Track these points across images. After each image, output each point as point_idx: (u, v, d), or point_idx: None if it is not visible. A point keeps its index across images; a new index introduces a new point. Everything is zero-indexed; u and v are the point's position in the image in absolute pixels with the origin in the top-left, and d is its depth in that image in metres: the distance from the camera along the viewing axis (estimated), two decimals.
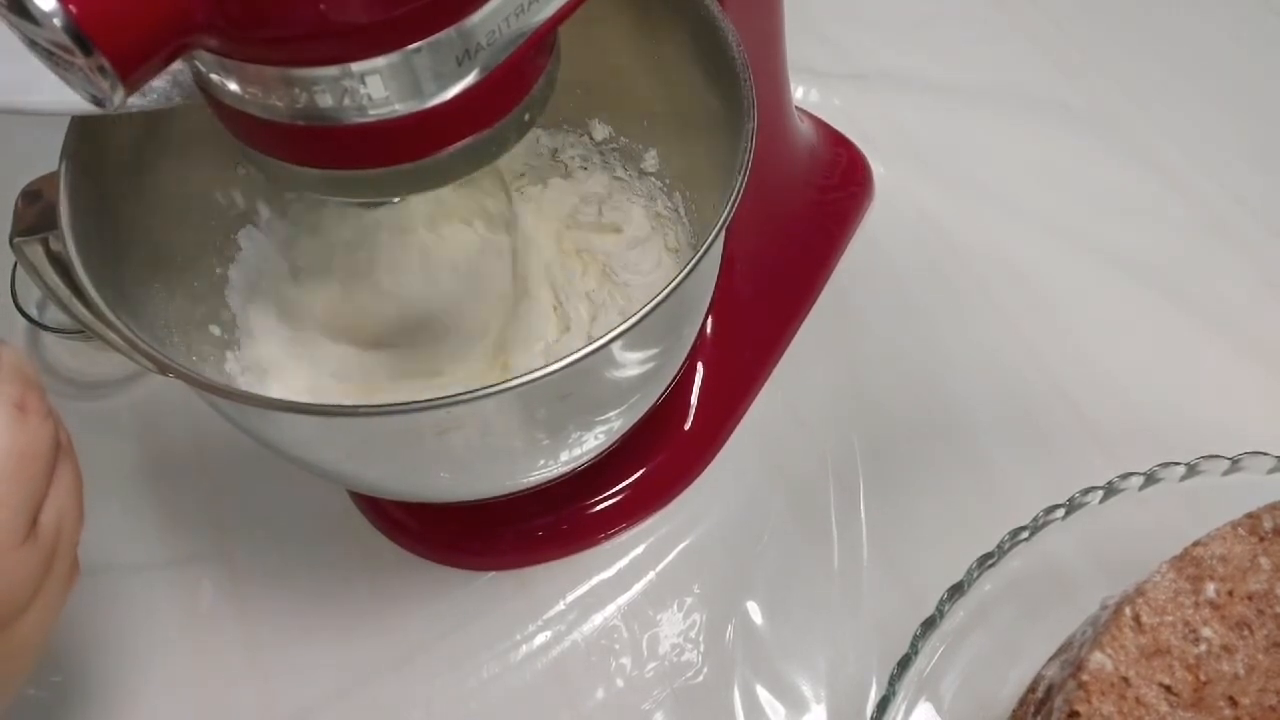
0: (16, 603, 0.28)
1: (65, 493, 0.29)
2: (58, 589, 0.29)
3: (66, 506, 0.29)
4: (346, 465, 0.38)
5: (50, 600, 0.29)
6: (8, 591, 0.27)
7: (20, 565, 0.27)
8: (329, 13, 0.22)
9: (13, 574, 0.27)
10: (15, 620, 0.28)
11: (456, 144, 0.27)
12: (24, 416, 0.27)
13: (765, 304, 0.52)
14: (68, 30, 0.20)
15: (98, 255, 0.33)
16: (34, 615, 0.28)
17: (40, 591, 0.28)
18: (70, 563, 0.30)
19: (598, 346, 0.29)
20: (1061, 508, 0.41)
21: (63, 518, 0.29)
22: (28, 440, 0.27)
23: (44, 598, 0.29)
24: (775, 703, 0.43)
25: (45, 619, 0.29)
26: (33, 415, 0.27)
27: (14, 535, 0.27)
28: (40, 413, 0.28)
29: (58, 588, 0.29)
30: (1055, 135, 0.58)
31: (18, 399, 0.27)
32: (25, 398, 0.27)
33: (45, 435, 0.28)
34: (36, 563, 0.28)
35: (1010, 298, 0.53)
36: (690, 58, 0.37)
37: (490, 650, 0.45)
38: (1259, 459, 0.40)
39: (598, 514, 0.47)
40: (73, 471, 0.30)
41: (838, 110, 0.59)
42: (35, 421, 0.27)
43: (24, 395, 0.27)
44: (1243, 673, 0.33)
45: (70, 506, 0.29)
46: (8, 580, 0.27)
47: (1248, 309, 0.52)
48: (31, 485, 0.27)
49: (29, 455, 0.27)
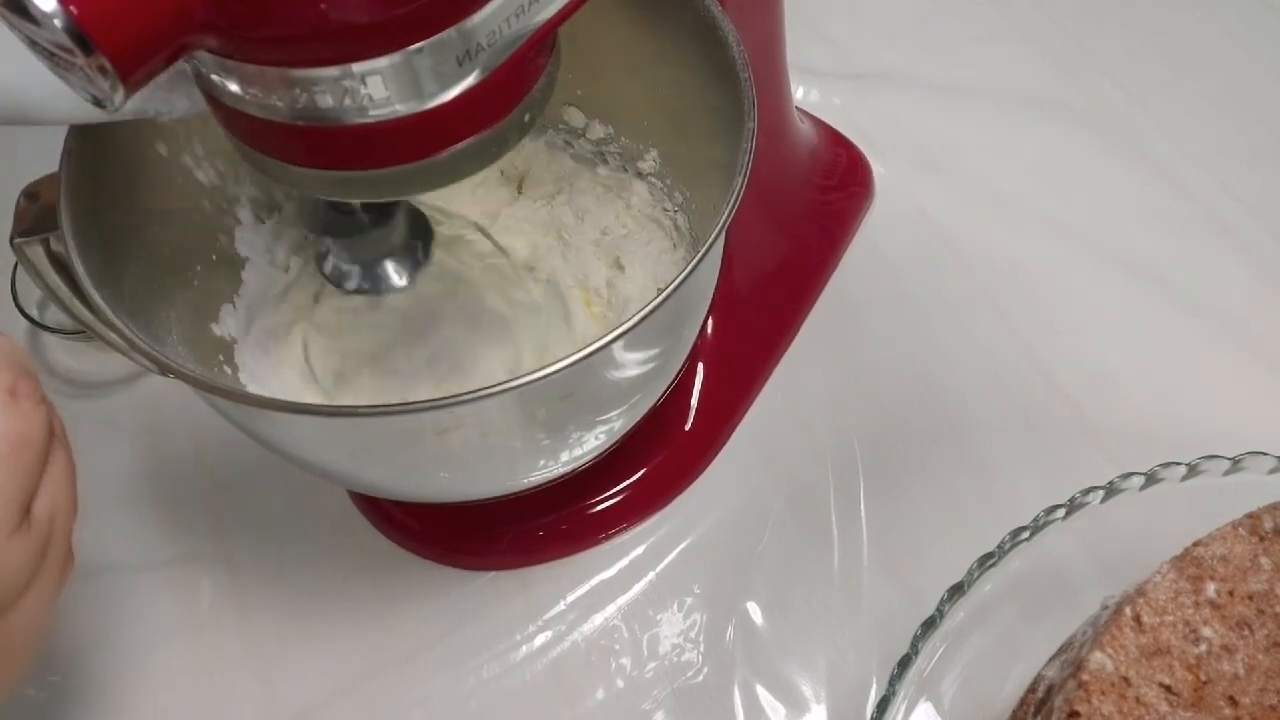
0: (11, 591, 0.27)
1: (59, 481, 0.29)
2: (52, 578, 0.29)
3: (60, 494, 0.29)
4: (346, 465, 0.37)
5: (45, 589, 0.29)
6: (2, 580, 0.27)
7: (14, 553, 0.27)
8: (330, 13, 0.22)
9: (6, 562, 0.27)
10: (10, 609, 0.28)
11: (457, 144, 0.27)
12: (16, 403, 0.27)
13: (765, 304, 0.52)
14: (68, 30, 0.20)
15: (98, 255, 0.33)
16: (29, 604, 0.28)
17: (35, 580, 0.28)
18: (64, 551, 0.30)
19: (598, 346, 0.29)
20: (1062, 508, 0.41)
21: (56, 506, 0.28)
22: (20, 427, 0.27)
23: (39, 587, 0.28)
24: (775, 703, 0.43)
25: (41, 608, 0.29)
26: (25, 401, 0.27)
27: (7, 523, 0.26)
28: (33, 399, 0.27)
29: (52, 576, 0.29)
30: (1055, 135, 0.59)
31: (10, 385, 0.27)
32: (18, 384, 0.27)
33: (38, 422, 0.27)
34: (31, 551, 0.27)
35: (1010, 298, 0.53)
36: (690, 58, 0.37)
37: (490, 650, 0.45)
38: (1259, 459, 0.40)
39: (598, 514, 0.47)
40: (66, 459, 0.29)
41: (838, 110, 0.59)
42: (28, 407, 0.27)
43: (16, 381, 0.27)
44: (1243, 673, 0.33)
45: (64, 495, 0.29)
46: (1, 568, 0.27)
47: (1248, 309, 0.52)
48: (25, 473, 0.27)
49: (22, 442, 0.27)
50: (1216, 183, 0.56)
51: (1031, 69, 0.61)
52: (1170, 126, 0.58)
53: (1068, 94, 0.60)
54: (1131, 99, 0.60)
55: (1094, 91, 0.60)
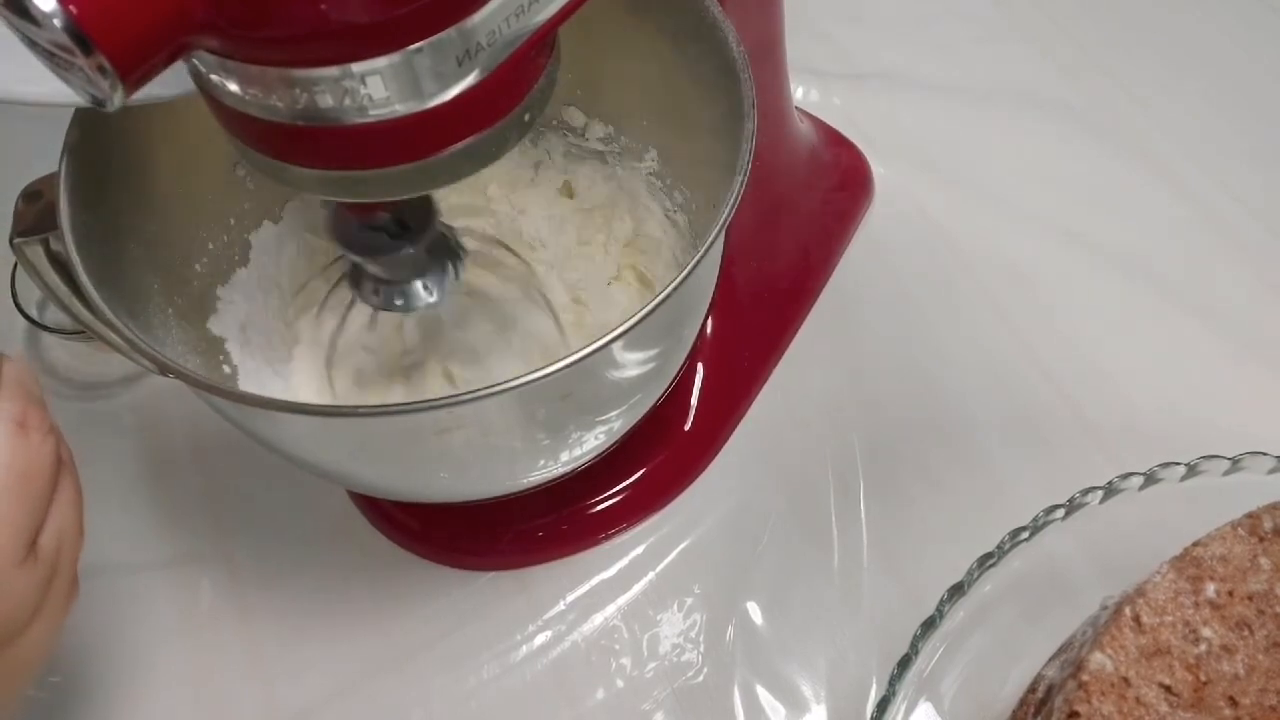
0: (17, 622, 0.27)
1: (66, 510, 0.29)
2: (57, 607, 0.29)
3: (67, 524, 0.29)
4: (346, 465, 0.37)
5: (50, 618, 0.29)
6: (8, 611, 0.27)
7: (21, 584, 0.27)
8: (330, 13, 0.22)
9: (13, 593, 0.27)
10: (15, 639, 0.28)
11: (457, 144, 0.27)
12: (26, 434, 0.27)
13: (765, 304, 0.52)
14: (68, 30, 0.20)
15: (98, 255, 0.33)
16: (34, 634, 0.28)
17: (40, 610, 0.28)
18: (70, 580, 0.30)
19: (598, 346, 0.29)
20: (1061, 508, 0.41)
21: (63, 536, 0.29)
22: (29, 458, 0.27)
23: (44, 616, 0.28)
24: (775, 703, 0.43)
25: (45, 637, 0.29)
26: (34, 433, 0.27)
27: (15, 554, 0.26)
28: (42, 429, 0.27)
29: (57, 606, 0.29)
30: (1055, 135, 0.59)
31: (19, 416, 0.27)
32: (27, 414, 0.27)
33: (47, 453, 0.27)
34: (37, 582, 0.28)
35: (1010, 297, 0.53)
36: (690, 58, 0.37)
37: (490, 650, 0.45)
38: (1259, 459, 0.40)
39: (598, 514, 0.47)
40: (73, 488, 0.29)
41: (838, 110, 0.59)
42: (37, 439, 0.27)
43: (26, 412, 0.27)
44: (1243, 673, 0.33)
45: (71, 524, 0.29)
46: (8, 599, 0.27)
47: (1248, 309, 0.52)
48: (32, 504, 0.27)
49: (30, 474, 0.27)
50: (1216, 183, 0.56)
51: (1031, 69, 0.61)
52: (1170, 126, 0.58)
53: (1068, 94, 0.60)
54: (1131, 99, 0.60)
55: (1094, 91, 0.60)
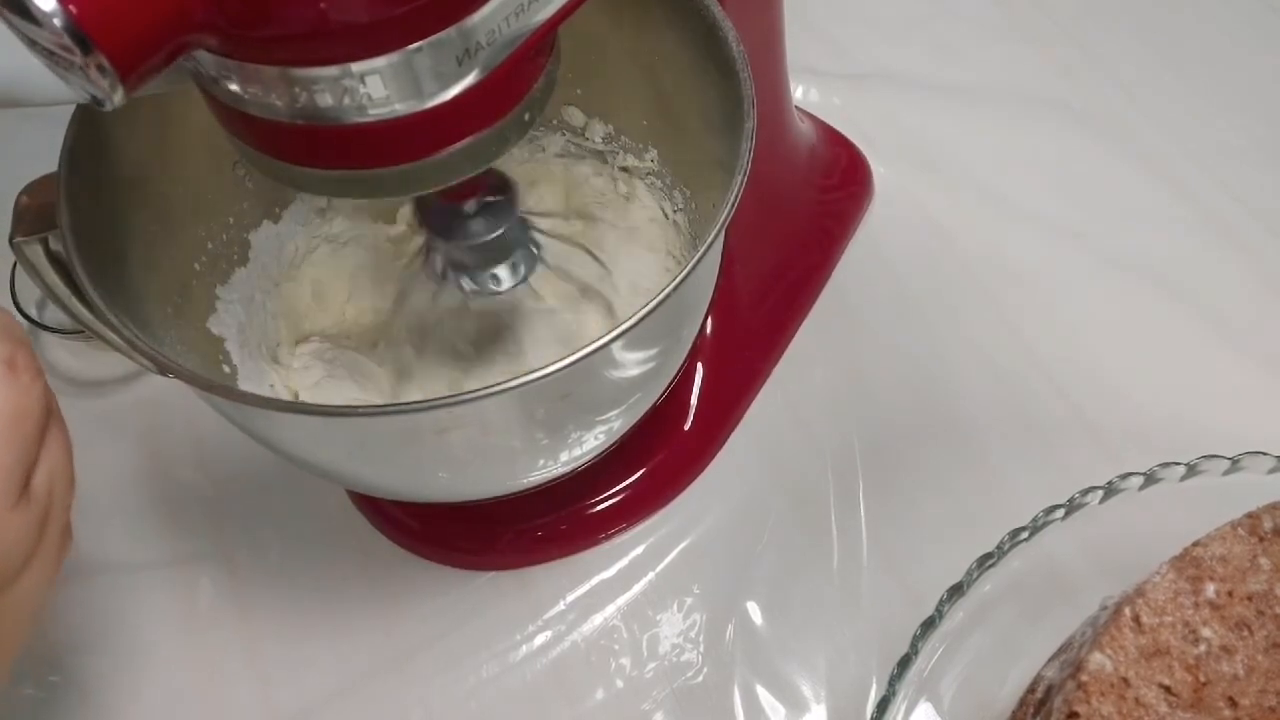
0: (11, 566, 0.27)
1: (56, 454, 0.28)
2: (51, 553, 0.29)
3: (58, 468, 0.28)
4: (346, 465, 0.37)
5: (45, 565, 0.28)
6: (2, 554, 0.26)
7: (14, 528, 0.27)
8: (330, 12, 0.22)
9: (6, 536, 0.26)
10: (9, 586, 0.27)
11: (457, 144, 0.27)
12: (15, 375, 0.26)
13: (765, 304, 0.52)
14: (68, 30, 0.20)
15: (98, 255, 0.33)
16: (28, 580, 0.28)
17: (34, 556, 0.28)
18: (63, 527, 0.29)
19: (598, 346, 0.29)
20: (1061, 508, 0.41)
21: (55, 480, 0.28)
22: (19, 399, 0.26)
23: (38, 562, 0.28)
24: (775, 703, 0.43)
25: (40, 585, 0.28)
26: (23, 374, 0.27)
27: (7, 497, 0.26)
28: (31, 371, 0.27)
29: (51, 552, 0.29)
30: (1055, 135, 0.58)
31: (7, 357, 0.26)
32: (15, 355, 0.27)
33: (37, 394, 0.27)
34: (30, 525, 0.27)
35: (1010, 298, 0.53)
36: (690, 58, 0.37)
37: (490, 650, 0.45)
38: (1259, 459, 0.40)
39: (598, 514, 0.47)
40: (63, 434, 0.29)
41: (838, 110, 0.59)
42: (26, 380, 0.27)
43: (14, 353, 0.27)
44: (1242, 673, 0.33)
45: (62, 469, 0.29)
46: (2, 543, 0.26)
47: (1248, 309, 0.52)
48: (24, 445, 0.27)
49: (21, 414, 0.26)
50: (1216, 183, 0.56)
51: (1031, 69, 0.61)
52: (1171, 126, 0.58)
53: (1068, 94, 0.60)
54: (1132, 99, 0.60)
55: (1094, 91, 0.60)
